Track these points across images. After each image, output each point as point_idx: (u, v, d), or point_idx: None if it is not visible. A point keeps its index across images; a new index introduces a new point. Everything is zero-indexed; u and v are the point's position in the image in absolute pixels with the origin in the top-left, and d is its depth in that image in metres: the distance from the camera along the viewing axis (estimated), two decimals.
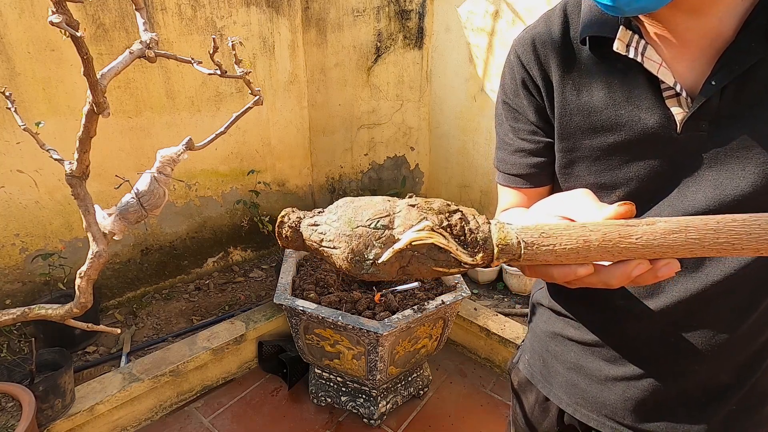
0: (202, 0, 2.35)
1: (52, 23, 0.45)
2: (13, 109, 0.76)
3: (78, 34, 0.47)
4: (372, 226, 0.33)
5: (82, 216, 0.71)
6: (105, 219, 0.83)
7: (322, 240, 0.34)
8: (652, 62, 0.51)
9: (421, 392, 1.97)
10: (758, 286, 0.56)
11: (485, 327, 2.10)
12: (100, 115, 0.60)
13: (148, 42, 0.64)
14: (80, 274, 0.77)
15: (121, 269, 2.35)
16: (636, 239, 0.31)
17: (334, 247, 0.34)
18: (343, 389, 1.85)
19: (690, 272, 0.56)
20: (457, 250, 0.33)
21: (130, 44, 0.62)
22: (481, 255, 0.33)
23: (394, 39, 2.60)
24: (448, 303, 1.70)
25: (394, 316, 1.60)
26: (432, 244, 0.32)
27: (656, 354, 0.62)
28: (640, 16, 0.51)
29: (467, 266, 0.33)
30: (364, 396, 1.81)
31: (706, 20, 0.48)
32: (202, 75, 2.19)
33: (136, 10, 0.62)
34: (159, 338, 2.13)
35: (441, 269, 0.33)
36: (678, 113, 0.51)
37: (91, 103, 0.57)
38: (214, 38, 0.76)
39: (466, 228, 0.33)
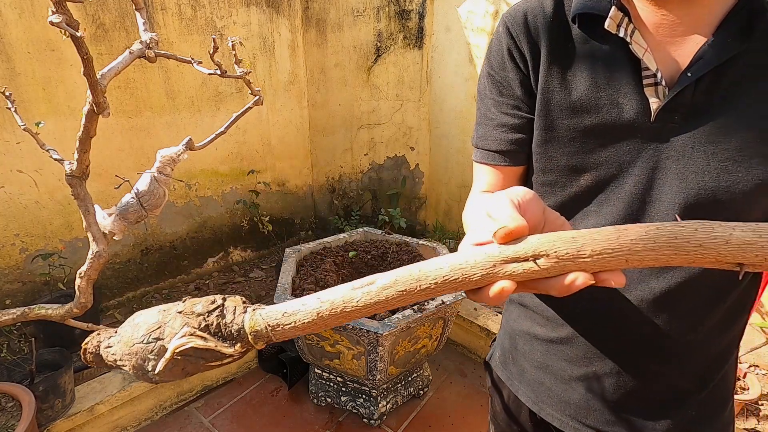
0: (202, 0, 2.35)
1: (52, 23, 0.45)
2: (13, 109, 0.76)
3: (78, 34, 0.47)
4: (145, 341, 0.36)
5: (82, 216, 0.71)
6: (105, 219, 0.83)
7: (115, 360, 0.38)
8: (639, 46, 0.52)
9: (421, 392, 1.97)
10: (719, 289, 0.56)
11: (485, 327, 2.10)
12: (100, 115, 0.60)
13: (148, 42, 0.64)
14: (80, 274, 0.77)
15: (121, 269, 2.35)
16: (357, 302, 0.35)
17: (123, 365, 0.38)
18: (343, 389, 1.85)
19: (655, 273, 0.56)
20: (216, 345, 0.36)
21: (130, 44, 0.62)
22: (239, 345, 0.36)
23: (394, 39, 2.60)
24: (448, 303, 1.70)
25: (394, 316, 1.60)
26: (194, 347, 0.36)
27: (619, 355, 0.62)
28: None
29: (232, 356, 0.37)
30: (364, 396, 1.81)
31: (696, 10, 0.50)
32: (202, 75, 2.19)
33: (136, 10, 0.62)
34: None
35: (212, 364, 0.37)
36: (654, 102, 0.52)
37: (91, 103, 0.57)
38: (214, 38, 0.76)
39: (222, 324, 0.36)
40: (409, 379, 1.92)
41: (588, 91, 0.55)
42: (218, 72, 0.78)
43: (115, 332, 0.40)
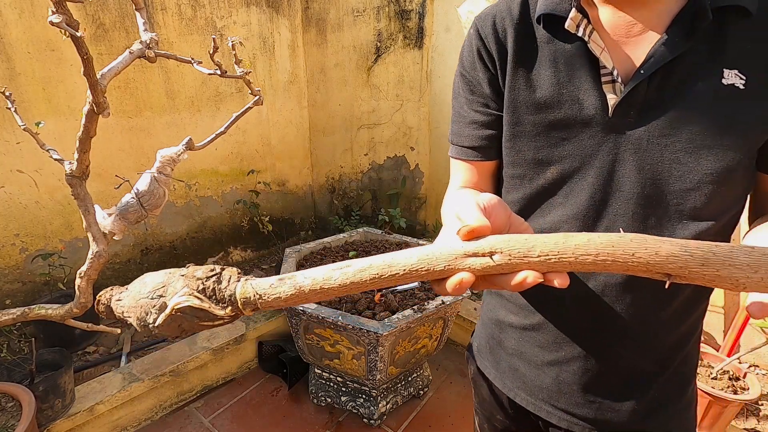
0: (202, 0, 2.35)
1: (52, 23, 0.45)
2: (13, 109, 0.76)
3: (78, 34, 0.47)
4: (150, 297, 0.42)
5: (82, 216, 0.71)
6: (105, 219, 0.83)
7: (123, 312, 0.44)
8: (596, 45, 0.55)
9: (421, 392, 1.97)
10: None
11: None
12: (100, 115, 0.60)
13: (148, 42, 0.64)
14: (80, 274, 0.77)
15: (121, 269, 2.35)
16: (334, 281, 0.40)
17: (129, 316, 0.43)
18: (343, 389, 1.85)
19: None
20: (210, 306, 0.41)
21: (130, 44, 0.62)
22: (229, 308, 0.42)
23: (394, 39, 2.60)
24: (448, 303, 1.70)
25: (394, 316, 1.60)
26: (190, 306, 0.41)
27: (586, 339, 0.65)
28: (595, 1, 0.56)
29: (223, 318, 0.42)
30: (364, 396, 1.81)
31: (648, 12, 0.53)
32: (202, 75, 2.19)
33: (136, 10, 0.62)
34: (159, 338, 2.14)
35: (205, 324, 0.42)
36: (611, 98, 0.55)
37: (91, 103, 0.57)
38: (214, 38, 0.76)
39: (217, 289, 0.42)
40: (409, 379, 1.92)
41: (551, 89, 0.59)
42: (218, 72, 0.78)
43: (126, 288, 0.46)
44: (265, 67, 2.75)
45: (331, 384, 1.87)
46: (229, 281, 0.42)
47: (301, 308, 1.62)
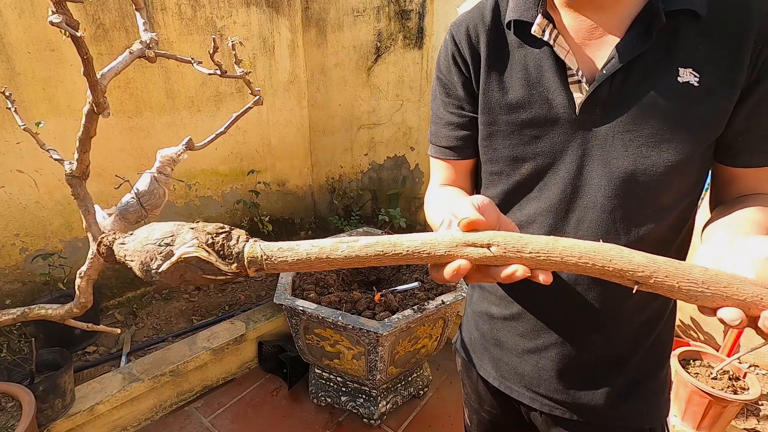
0: (202, 0, 2.35)
1: (52, 23, 0.45)
2: (13, 109, 0.76)
3: (78, 34, 0.47)
4: (157, 244, 0.42)
5: (82, 216, 0.71)
6: (105, 219, 0.83)
7: (125, 255, 0.44)
8: (562, 48, 0.59)
9: (421, 392, 1.97)
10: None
11: None
12: (100, 115, 0.60)
13: (148, 42, 0.64)
14: (80, 274, 0.77)
15: (121, 269, 2.35)
16: (341, 252, 0.42)
17: (132, 260, 0.43)
18: (343, 389, 1.85)
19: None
20: (216, 261, 0.42)
21: (130, 44, 0.62)
22: (235, 265, 0.43)
23: (394, 39, 2.60)
24: (448, 303, 1.70)
25: (394, 316, 1.60)
26: (197, 257, 0.42)
27: (561, 327, 0.69)
28: (558, 7, 0.60)
29: (227, 274, 0.43)
30: (364, 396, 1.81)
31: (608, 16, 0.57)
32: (202, 75, 2.19)
33: (136, 10, 0.62)
34: (159, 338, 2.14)
35: (209, 276, 0.43)
36: (578, 97, 0.59)
37: (91, 103, 0.57)
38: (214, 38, 0.76)
39: (226, 245, 0.43)
40: (409, 379, 1.92)
41: (522, 90, 0.62)
42: (218, 72, 0.78)
43: (131, 233, 0.46)
44: (265, 67, 2.75)
45: (331, 384, 1.87)
46: (237, 240, 0.43)
47: (301, 308, 1.62)
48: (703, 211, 0.66)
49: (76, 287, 0.77)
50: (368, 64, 2.73)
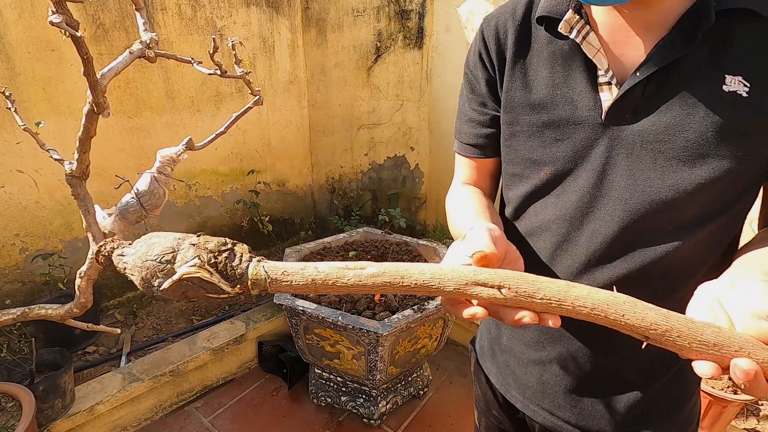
0: (202, 0, 2.35)
1: (52, 23, 0.45)
2: (13, 109, 0.76)
3: (78, 34, 0.47)
4: (157, 260, 0.42)
5: (82, 216, 0.71)
6: (105, 219, 0.83)
7: (125, 268, 0.44)
8: (591, 47, 0.54)
9: (421, 392, 1.97)
10: (661, 291, 0.58)
11: None
12: (100, 115, 0.60)
13: (148, 42, 0.64)
14: (80, 274, 0.77)
15: None
16: (347, 280, 0.41)
17: (132, 275, 0.43)
18: (343, 389, 1.85)
19: (601, 264, 0.59)
20: (219, 281, 0.41)
21: (130, 44, 0.62)
22: (238, 286, 0.42)
23: (394, 39, 2.60)
24: None
25: (394, 316, 1.60)
26: (199, 277, 0.41)
27: (566, 342, 0.66)
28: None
29: (229, 294, 0.42)
30: (364, 396, 1.81)
31: (649, 13, 0.52)
32: (202, 75, 2.19)
33: (136, 10, 0.62)
34: (159, 338, 2.14)
35: (211, 295, 0.42)
36: (606, 100, 0.55)
37: (91, 103, 0.57)
38: (214, 38, 0.76)
39: (229, 265, 0.42)
40: (409, 379, 1.92)
41: (546, 90, 0.59)
42: (218, 72, 0.78)
43: (130, 244, 0.45)
44: (265, 67, 2.75)
45: (331, 384, 1.87)
46: (241, 259, 0.42)
47: (301, 308, 1.62)
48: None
49: (76, 287, 0.77)
50: (368, 64, 2.73)
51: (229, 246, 0.43)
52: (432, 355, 1.92)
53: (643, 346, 0.38)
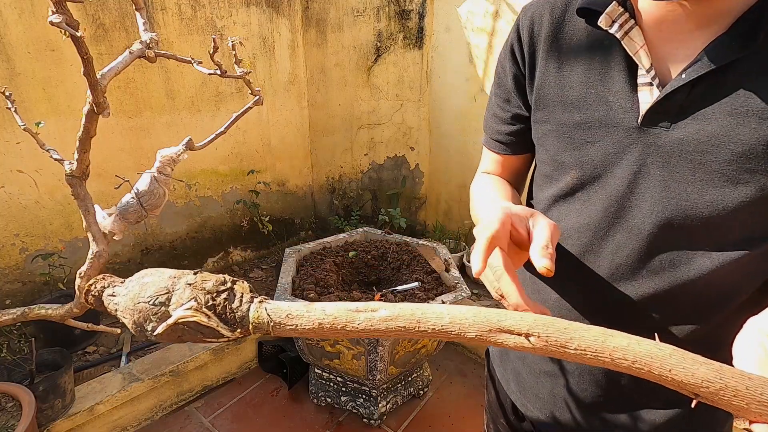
0: (202, 0, 2.35)
1: (52, 23, 0.45)
2: (13, 109, 0.76)
3: (78, 34, 0.47)
4: (151, 302, 0.39)
5: (82, 216, 0.71)
6: (105, 219, 0.83)
7: (116, 310, 0.41)
8: (633, 43, 0.50)
9: (421, 392, 1.97)
10: (700, 311, 0.53)
11: None
12: (100, 115, 0.59)
13: (148, 42, 0.63)
14: (80, 274, 0.77)
15: (121, 269, 2.35)
16: (358, 324, 0.38)
17: (124, 318, 0.40)
18: (343, 389, 1.85)
19: (626, 279, 0.54)
20: (218, 326, 0.39)
21: (130, 44, 0.62)
22: (239, 330, 0.39)
23: (394, 39, 2.60)
24: (447, 303, 1.70)
25: None
26: (196, 321, 0.38)
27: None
28: None
29: (228, 339, 0.40)
30: (364, 396, 1.81)
31: (707, 7, 0.46)
32: (202, 75, 2.19)
33: (136, 10, 0.62)
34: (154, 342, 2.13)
35: (208, 340, 0.40)
36: (645, 102, 0.50)
37: (91, 103, 0.57)
38: (214, 38, 0.75)
39: (228, 307, 0.39)
40: (409, 379, 1.92)
41: (580, 87, 0.55)
42: (218, 72, 0.78)
43: (122, 283, 0.42)
44: (265, 67, 2.75)
45: (331, 384, 1.87)
46: (241, 300, 0.40)
47: None
48: None
49: (76, 287, 0.77)
50: (368, 64, 2.73)
51: (228, 285, 0.40)
52: (432, 355, 1.92)
53: (692, 405, 0.34)
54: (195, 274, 0.41)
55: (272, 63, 2.78)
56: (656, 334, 0.37)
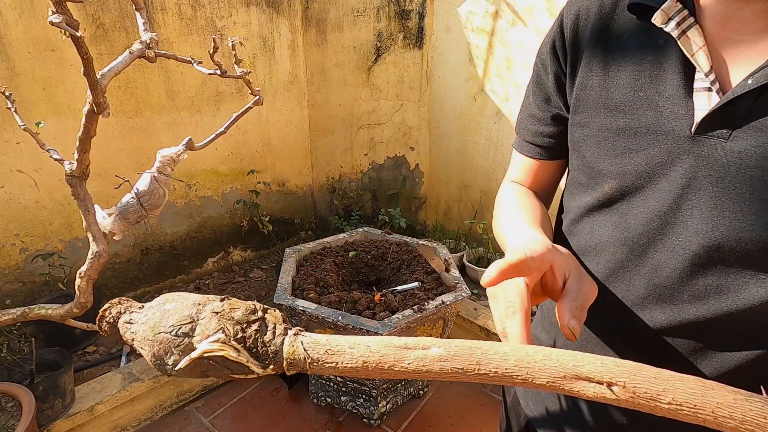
0: (202, 0, 2.35)
1: (52, 23, 0.45)
2: (13, 109, 0.76)
3: (78, 34, 0.47)
4: (173, 333, 0.34)
5: (82, 216, 0.71)
6: (105, 219, 0.83)
7: (133, 339, 0.37)
8: (692, 43, 0.44)
9: (421, 392, 1.97)
10: (750, 340, 0.47)
11: (485, 327, 2.10)
12: (100, 115, 0.60)
13: (148, 42, 0.64)
14: (80, 274, 0.77)
15: (121, 269, 2.35)
16: (407, 364, 0.33)
17: (142, 348, 0.36)
18: (343, 389, 1.85)
19: (684, 300, 0.49)
20: (248, 361, 0.34)
21: (130, 44, 0.62)
22: (271, 367, 0.35)
23: (394, 39, 2.60)
24: (448, 303, 1.69)
25: (394, 316, 1.60)
26: (224, 356, 0.34)
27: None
28: None
29: (260, 375, 0.35)
30: (364, 396, 1.81)
31: None
32: (202, 75, 2.19)
33: (136, 10, 0.62)
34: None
35: (236, 376, 0.35)
36: (701, 109, 0.44)
37: (91, 103, 0.57)
38: (214, 38, 0.76)
39: (260, 341, 0.35)
40: (409, 379, 1.92)
41: (627, 88, 0.50)
42: (218, 72, 0.78)
43: (140, 308, 0.38)
44: (265, 67, 2.75)
45: (331, 384, 1.87)
46: (274, 333, 0.35)
47: (302, 308, 1.62)
48: None
49: (76, 287, 0.77)
50: (368, 64, 2.73)
51: (260, 315, 0.36)
52: None
53: None
54: (222, 301, 0.37)
55: (272, 63, 2.78)
56: (762, 388, 0.34)
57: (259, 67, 2.71)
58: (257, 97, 0.87)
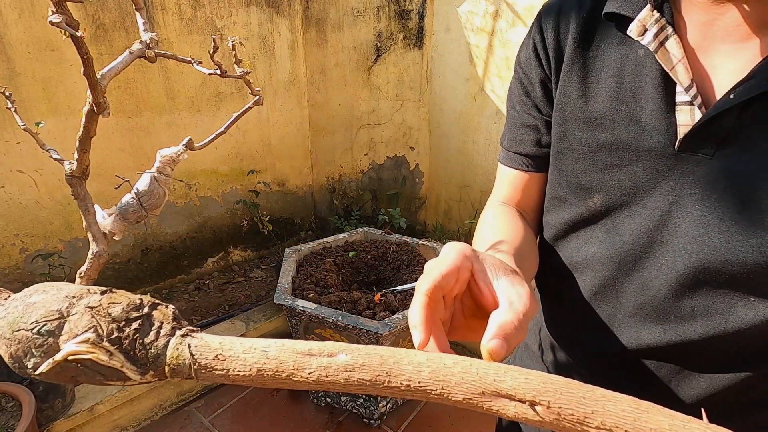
0: (202, 0, 2.35)
1: (52, 23, 0.45)
2: (13, 109, 0.76)
3: (78, 34, 0.47)
4: (35, 330, 0.28)
5: (82, 216, 0.71)
6: (105, 219, 0.83)
7: None
8: (671, 56, 0.42)
9: None
10: (739, 363, 0.45)
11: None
12: (100, 115, 0.59)
13: (148, 42, 0.63)
14: (80, 274, 0.77)
15: (121, 269, 2.35)
16: (308, 373, 0.29)
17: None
18: None
19: (671, 321, 0.47)
20: (123, 366, 0.29)
21: (130, 44, 0.62)
22: (151, 373, 0.30)
23: (394, 39, 2.60)
24: None
25: (394, 316, 1.60)
26: (92, 359, 0.28)
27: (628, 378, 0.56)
28: None
29: (138, 383, 0.30)
30: (364, 396, 1.81)
31: (763, 12, 0.38)
32: (202, 75, 2.19)
33: (136, 10, 0.62)
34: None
35: (112, 382, 0.30)
36: (684, 125, 0.43)
37: (91, 103, 0.57)
38: (214, 38, 0.75)
39: (139, 342, 0.29)
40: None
41: (607, 102, 0.47)
42: (218, 72, 0.78)
43: (5, 299, 0.31)
44: (265, 67, 2.75)
45: None
46: (158, 333, 0.30)
47: (302, 308, 1.62)
48: None
49: None
50: (368, 64, 2.73)
51: (145, 311, 0.30)
52: None
53: None
54: (103, 294, 0.31)
55: (272, 63, 2.78)
56: (703, 411, 0.31)
57: (259, 67, 2.71)
58: (257, 97, 0.87)
